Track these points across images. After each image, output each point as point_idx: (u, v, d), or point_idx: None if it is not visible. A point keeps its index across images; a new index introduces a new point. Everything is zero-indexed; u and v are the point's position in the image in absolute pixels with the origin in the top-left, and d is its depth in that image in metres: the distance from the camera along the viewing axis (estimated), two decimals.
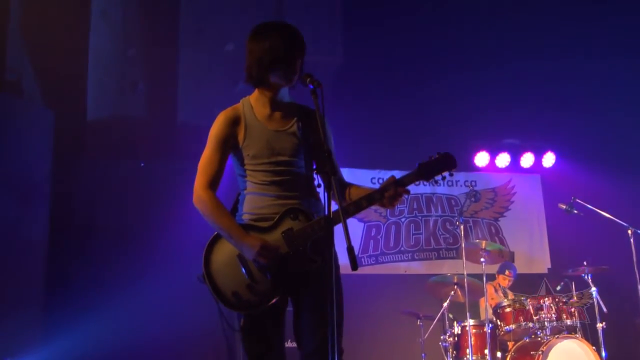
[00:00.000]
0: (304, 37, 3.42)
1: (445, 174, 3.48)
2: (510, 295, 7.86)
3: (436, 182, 3.54)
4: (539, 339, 6.92)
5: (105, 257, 7.87)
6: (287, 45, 3.35)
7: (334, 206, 2.89)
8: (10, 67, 7.29)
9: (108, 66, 7.85)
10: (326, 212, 2.81)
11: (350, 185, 3.56)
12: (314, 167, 3.53)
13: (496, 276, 8.54)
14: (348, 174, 9.08)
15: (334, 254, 3.23)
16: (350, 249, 2.68)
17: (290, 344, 5.71)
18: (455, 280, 7.48)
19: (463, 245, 7.27)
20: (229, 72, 7.65)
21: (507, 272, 8.44)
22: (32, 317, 7.19)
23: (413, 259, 9.64)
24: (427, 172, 3.46)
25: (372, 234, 9.59)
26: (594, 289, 7.17)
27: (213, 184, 3.42)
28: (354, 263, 2.66)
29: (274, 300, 3.30)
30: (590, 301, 7.17)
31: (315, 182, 3.53)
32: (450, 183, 10.05)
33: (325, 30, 8.38)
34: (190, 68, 8.33)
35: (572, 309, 7.05)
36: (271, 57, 3.32)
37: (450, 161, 3.48)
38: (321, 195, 3.45)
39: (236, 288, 3.30)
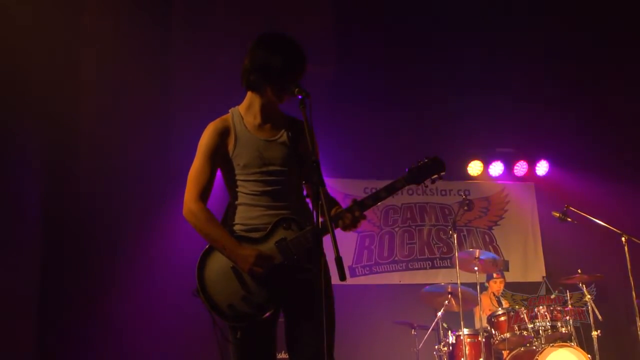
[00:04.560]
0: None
1: (435, 177, 3.50)
2: (506, 304, 7.86)
3: (426, 186, 3.55)
4: (534, 347, 6.91)
5: (98, 273, 7.86)
6: (297, 67, 3.36)
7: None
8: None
9: (101, 79, 7.83)
10: (315, 222, 2.80)
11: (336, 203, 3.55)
12: (303, 177, 3.50)
13: (487, 285, 8.54)
14: (341, 184, 9.31)
15: (325, 263, 3.24)
16: (338, 259, 2.66)
17: (282, 356, 5.68)
18: (449, 290, 7.47)
19: (457, 254, 7.27)
20: (221, 84, 7.64)
21: (495, 275, 8.46)
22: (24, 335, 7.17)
23: (407, 269, 9.63)
24: (416, 176, 3.49)
25: (366, 244, 9.58)
26: (588, 296, 7.17)
27: (203, 195, 3.39)
28: (342, 273, 2.65)
29: (268, 313, 3.28)
30: (585, 300, 7.16)
31: (304, 193, 3.53)
32: (443, 192, 10.07)
33: (318, 41, 8.38)
34: (184, 78, 8.34)
35: (567, 317, 7.05)
36: (277, 71, 3.32)
37: (439, 164, 3.52)
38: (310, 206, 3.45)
39: (231, 300, 3.27)
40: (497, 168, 10.23)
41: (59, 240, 7.77)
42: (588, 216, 7.58)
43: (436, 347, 7.53)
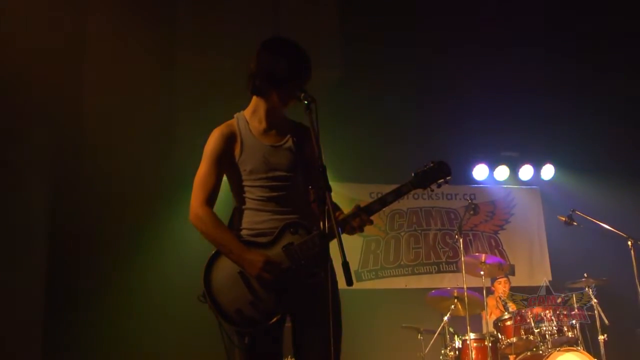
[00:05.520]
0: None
1: (441, 181, 3.51)
2: (512, 307, 7.84)
3: (432, 190, 3.56)
4: (541, 351, 6.90)
5: (104, 276, 7.87)
6: (302, 72, 3.37)
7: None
8: None
9: (105, 82, 7.85)
10: (322, 227, 2.81)
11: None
12: (309, 182, 3.51)
13: (492, 289, 8.53)
14: (347, 189, 9.31)
15: (332, 268, 3.25)
16: (345, 265, 2.67)
17: None
18: (456, 294, 7.46)
19: (463, 258, 7.26)
20: (227, 89, 7.65)
21: (499, 276, 8.43)
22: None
23: (413, 273, 9.62)
24: (422, 180, 3.51)
25: (372, 249, 9.58)
26: (594, 300, 7.16)
27: (210, 200, 3.38)
28: (349, 279, 2.66)
29: (276, 318, 3.26)
30: (590, 304, 7.15)
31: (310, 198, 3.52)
32: (449, 196, 10.06)
33: (324, 45, 8.39)
34: (189, 85, 8.35)
35: (574, 321, 7.03)
36: (282, 76, 3.33)
37: (444, 169, 3.54)
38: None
39: (239, 305, 3.26)
40: (502, 172, 10.23)
41: (65, 243, 7.79)
42: (594, 220, 7.58)
43: (442, 351, 7.51)
